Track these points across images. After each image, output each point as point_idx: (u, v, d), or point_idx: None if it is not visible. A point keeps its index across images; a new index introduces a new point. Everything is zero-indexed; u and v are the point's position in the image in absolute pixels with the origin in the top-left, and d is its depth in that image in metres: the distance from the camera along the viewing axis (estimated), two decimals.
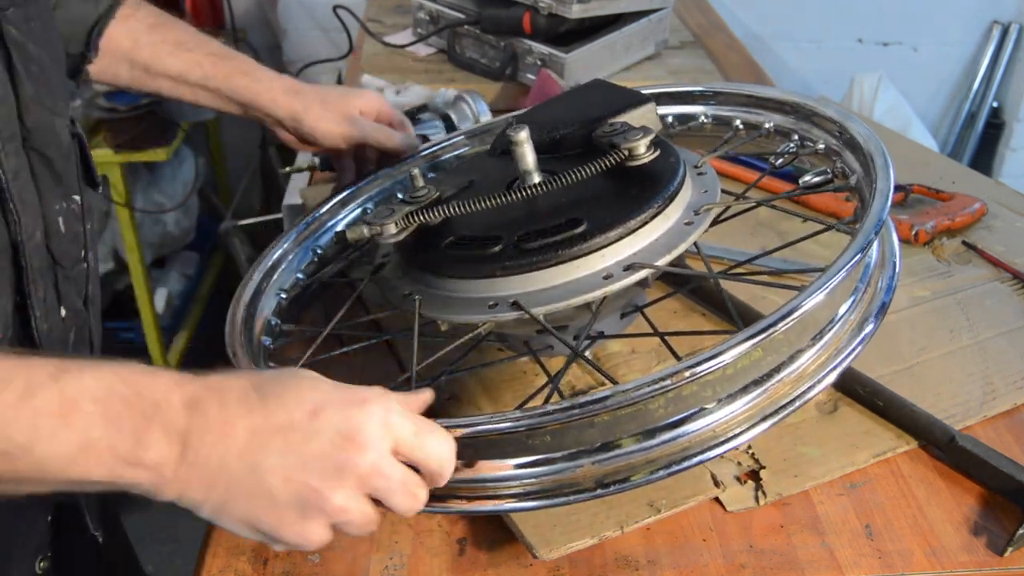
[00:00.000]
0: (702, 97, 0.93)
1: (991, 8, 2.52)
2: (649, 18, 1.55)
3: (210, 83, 0.94)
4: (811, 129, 0.84)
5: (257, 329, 0.78)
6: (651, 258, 0.67)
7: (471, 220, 0.72)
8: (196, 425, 0.50)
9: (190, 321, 2.34)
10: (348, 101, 0.95)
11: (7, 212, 0.67)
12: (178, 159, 2.23)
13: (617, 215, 0.68)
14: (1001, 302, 0.98)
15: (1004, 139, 2.63)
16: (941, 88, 2.65)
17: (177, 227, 2.28)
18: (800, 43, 2.55)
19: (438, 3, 1.59)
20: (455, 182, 0.81)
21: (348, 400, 0.53)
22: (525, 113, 0.90)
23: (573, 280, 0.67)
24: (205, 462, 0.50)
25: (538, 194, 0.70)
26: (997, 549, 0.71)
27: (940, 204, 1.13)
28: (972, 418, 0.82)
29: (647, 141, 0.71)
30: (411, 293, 0.73)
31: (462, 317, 0.69)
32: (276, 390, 0.52)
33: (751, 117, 0.89)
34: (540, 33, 1.46)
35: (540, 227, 0.69)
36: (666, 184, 0.71)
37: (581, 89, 0.90)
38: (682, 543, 0.70)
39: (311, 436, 0.51)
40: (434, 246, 0.72)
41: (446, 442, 0.54)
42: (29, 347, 0.71)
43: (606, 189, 0.73)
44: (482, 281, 0.69)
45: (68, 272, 0.76)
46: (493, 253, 0.68)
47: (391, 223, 0.71)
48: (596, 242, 0.67)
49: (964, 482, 0.77)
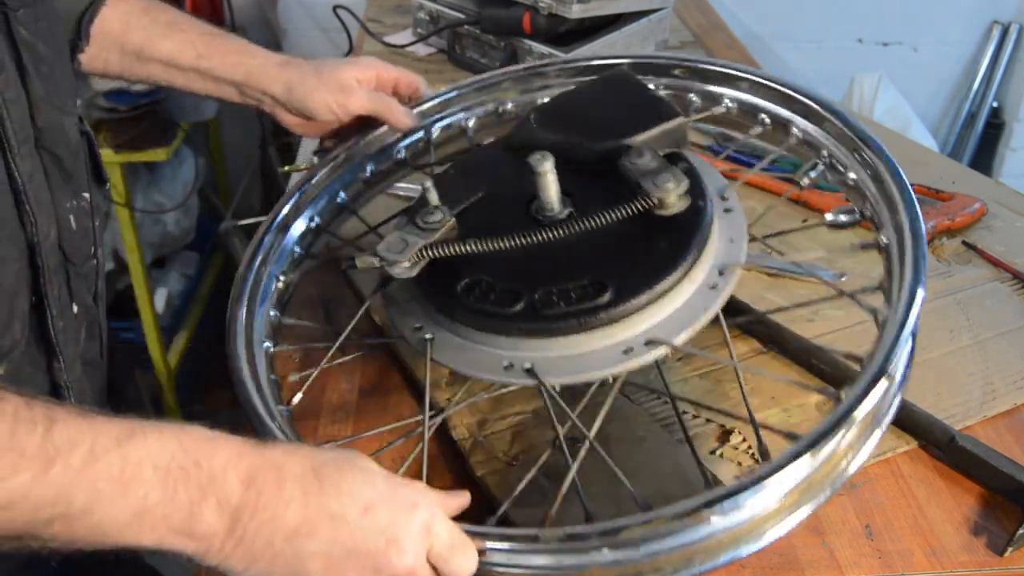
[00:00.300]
0: (729, 80, 0.87)
1: (991, 8, 2.52)
2: (649, 18, 1.55)
3: (203, 64, 0.91)
4: (839, 147, 0.79)
5: (258, 330, 0.77)
6: (673, 327, 0.66)
7: (486, 256, 0.69)
8: (249, 502, 0.51)
9: (190, 321, 2.34)
10: (343, 70, 0.91)
11: (23, 214, 0.67)
12: (178, 159, 2.23)
13: (642, 279, 0.66)
14: (1001, 302, 0.98)
15: (1004, 139, 2.62)
16: (941, 88, 2.65)
17: (177, 227, 2.28)
18: (800, 43, 2.55)
19: (438, 3, 1.59)
20: (468, 190, 0.77)
21: (398, 502, 0.54)
22: (548, 105, 0.86)
23: (592, 351, 0.66)
24: (252, 539, 0.51)
25: (559, 235, 0.68)
26: (997, 549, 0.71)
27: (940, 204, 1.13)
28: (972, 418, 0.82)
29: (679, 192, 0.68)
30: (422, 328, 0.71)
31: (475, 373, 0.68)
32: (334, 478, 0.53)
33: (780, 111, 0.84)
34: (540, 33, 1.46)
35: (562, 285, 0.66)
36: (694, 241, 0.68)
37: (607, 83, 0.85)
38: None
39: (358, 532, 0.52)
40: (448, 284, 0.70)
41: (471, 562, 0.56)
42: (45, 346, 0.71)
43: (630, 236, 0.70)
44: (498, 337, 0.67)
45: (79, 269, 0.76)
46: (512, 313, 0.66)
47: (404, 260, 0.68)
48: (619, 311, 0.65)
49: (964, 482, 0.77)
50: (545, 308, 0.65)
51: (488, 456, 0.78)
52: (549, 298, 0.66)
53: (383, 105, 0.91)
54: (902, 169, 0.72)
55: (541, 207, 0.72)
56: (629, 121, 0.77)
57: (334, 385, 0.87)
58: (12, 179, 0.66)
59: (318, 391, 0.85)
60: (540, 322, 0.65)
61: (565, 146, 0.74)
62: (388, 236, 0.71)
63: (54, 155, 0.72)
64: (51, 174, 0.71)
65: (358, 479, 0.54)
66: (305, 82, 0.90)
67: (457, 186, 0.78)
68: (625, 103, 0.79)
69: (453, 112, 0.96)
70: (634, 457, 0.77)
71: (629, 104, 0.79)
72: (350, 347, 0.83)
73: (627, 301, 0.65)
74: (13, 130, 0.65)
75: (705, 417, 0.82)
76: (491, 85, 0.96)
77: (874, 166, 0.74)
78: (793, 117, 0.83)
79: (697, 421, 0.82)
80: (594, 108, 0.80)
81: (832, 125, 0.79)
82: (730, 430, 0.81)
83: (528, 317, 0.66)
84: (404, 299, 0.75)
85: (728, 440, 0.80)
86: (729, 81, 0.87)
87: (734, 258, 0.70)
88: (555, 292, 0.66)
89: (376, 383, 0.88)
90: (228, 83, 0.92)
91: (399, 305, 0.75)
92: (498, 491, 0.74)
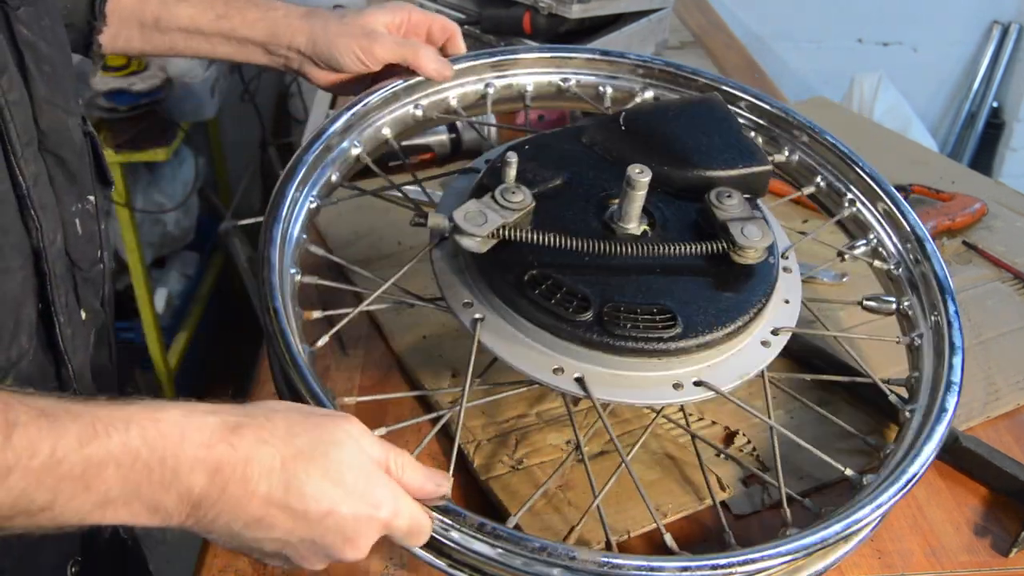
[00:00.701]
0: (789, 129, 0.88)
1: (991, 8, 2.52)
2: (649, 18, 1.54)
3: (224, 25, 0.86)
4: (892, 236, 0.82)
5: (288, 255, 0.73)
6: (723, 374, 0.67)
7: (556, 248, 0.68)
8: (212, 494, 0.52)
9: (190, 321, 2.34)
10: (369, 15, 0.86)
11: (28, 219, 0.65)
12: (178, 159, 2.23)
13: (709, 322, 0.66)
14: (1002, 302, 0.98)
15: (1004, 139, 2.63)
16: (941, 88, 2.65)
17: (177, 227, 2.28)
18: (800, 43, 2.55)
19: (438, 3, 1.58)
20: (545, 174, 0.75)
21: (364, 503, 0.54)
22: (637, 113, 0.84)
23: (644, 377, 0.66)
24: (212, 521, 0.52)
25: (639, 253, 0.68)
26: (1000, 550, 0.71)
27: (940, 204, 1.13)
28: (975, 419, 0.82)
29: (763, 248, 0.69)
30: (472, 305, 0.69)
31: (525, 369, 0.66)
32: (301, 478, 0.53)
33: (836, 183, 0.86)
34: (540, 33, 1.45)
35: (629, 303, 0.66)
36: (760, 296, 0.69)
37: (699, 106, 0.83)
38: (685, 547, 0.70)
39: (317, 530, 0.54)
40: (511, 268, 0.68)
41: (421, 541, 0.58)
42: (53, 354, 0.70)
43: (700, 271, 0.70)
44: (555, 339, 0.66)
45: (86, 273, 0.75)
46: (579, 321, 0.65)
47: (480, 234, 0.66)
48: (681, 347, 0.65)
49: (964, 482, 0.77)
50: (612, 325, 0.65)
51: (492, 460, 0.77)
52: (616, 315, 0.65)
53: (411, 52, 0.85)
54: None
55: (619, 217, 0.71)
56: (716, 152, 0.77)
57: (332, 385, 0.87)
58: (16, 184, 0.64)
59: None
60: (605, 337, 0.65)
61: (651, 164, 0.71)
62: (467, 204, 0.68)
63: (58, 157, 0.70)
64: (55, 177, 0.70)
65: (329, 476, 0.53)
66: (329, 28, 0.85)
67: (533, 166, 0.75)
68: (716, 133, 0.79)
69: (515, 73, 0.93)
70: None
71: (720, 135, 0.79)
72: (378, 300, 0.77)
73: (691, 340, 0.65)
74: (17, 133, 0.63)
75: (711, 419, 0.82)
76: (561, 58, 0.94)
77: (923, 264, 0.79)
78: (854, 191, 0.85)
79: (703, 422, 0.82)
80: (683, 129, 0.79)
81: (887, 208, 0.82)
82: (735, 432, 0.81)
83: (594, 329, 0.65)
84: (455, 268, 0.72)
85: (733, 442, 0.80)
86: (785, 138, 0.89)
87: (788, 320, 0.72)
88: (623, 310, 0.66)
89: (376, 383, 0.88)
90: (253, 43, 0.88)
91: (448, 276, 0.72)
92: (503, 495, 0.74)
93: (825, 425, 0.79)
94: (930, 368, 0.73)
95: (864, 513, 0.62)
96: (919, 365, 0.74)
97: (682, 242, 0.68)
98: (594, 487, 0.66)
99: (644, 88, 0.93)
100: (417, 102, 0.88)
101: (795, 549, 0.59)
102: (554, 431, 0.80)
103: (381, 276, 0.75)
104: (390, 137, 0.87)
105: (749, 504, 0.74)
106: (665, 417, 0.78)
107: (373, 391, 0.86)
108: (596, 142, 0.80)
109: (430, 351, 0.89)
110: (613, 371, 0.66)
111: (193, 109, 1.98)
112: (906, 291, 0.79)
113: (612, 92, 0.93)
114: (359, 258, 1.02)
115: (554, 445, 0.79)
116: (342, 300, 0.96)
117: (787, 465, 0.76)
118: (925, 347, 0.75)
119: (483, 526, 0.57)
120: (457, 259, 0.72)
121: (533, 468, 0.76)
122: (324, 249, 0.78)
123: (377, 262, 1.02)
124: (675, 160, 0.76)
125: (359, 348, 0.91)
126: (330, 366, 0.89)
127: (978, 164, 2.64)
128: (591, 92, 0.94)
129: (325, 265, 0.98)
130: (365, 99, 0.84)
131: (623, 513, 0.72)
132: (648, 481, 0.75)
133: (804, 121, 0.87)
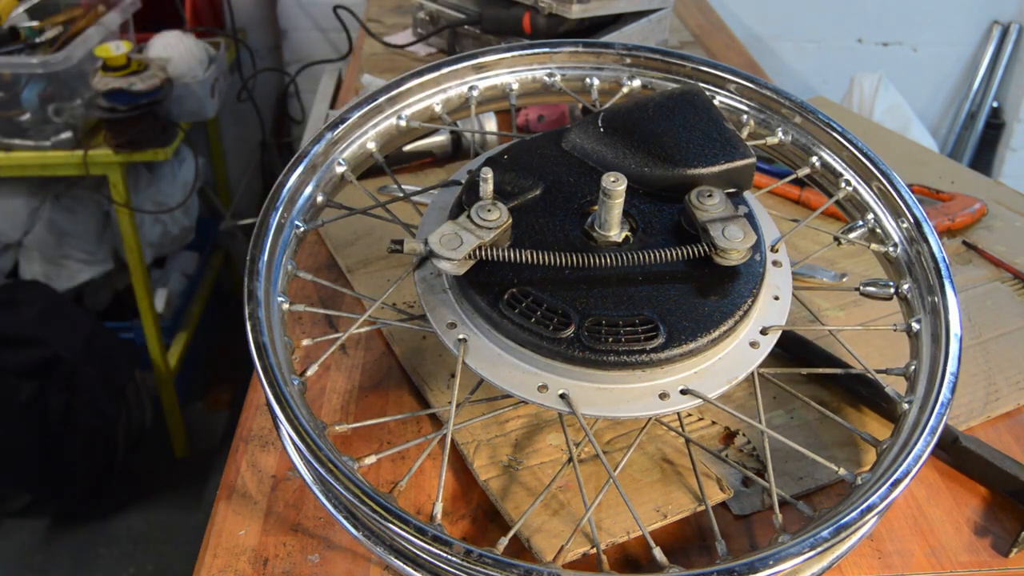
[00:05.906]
0: (783, 110, 0.87)
1: (991, 8, 2.52)
2: (649, 18, 1.55)
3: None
4: (888, 216, 0.80)
5: (276, 285, 0.73)
6: (709, 380, 0.66)
7: (534, 265, 0.67)
8: None
9: (190, 321, 2.34)
10: None
11: None
12: (178, 159, 2.23)
13: (692, 330, 0.65)
14: (1002, 302, 0.98)
15: (1004, 139, 2.63)
16: (941, 88, 2.65)
17: (177, 227, 2.28)
18: (800, 43, 2.55)
19: (438, 3, 1.59)
20: (522, 184, 0.74)
21: None
22: (616, 111, 0.82)
23: (629, 389, 0.65)
24: None
25: (619, 264, 0.67)
26: (999, 550, 0.71)
27: (940, 204, 1.13)
28: (975, 419, 0.82)
29: (746, 249, 0.67)
30: (455, 326, 0.68)
31: (510, 389, 0.66)
32: None
33: (833, 163, 0.84)
34: (540, 33, 1.46)
35: (610, 315, 0.65)
36: (747, 298, 0.68)
37: (679, 99, 0.81)
38: (686, 547, 0.70)
39: None
40: (491, 287, 0.67)
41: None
42: None
43: (682, 275, 0.69)
44: (537, 357, 0.66)
45: None
46: (560, 338, 0.64)
47: (457, 257, 0.66)
48: (664, 357, 0.64)
49: (964, 482, 0.77)
50: (593, 339, 0.64)
51: (492, 460, 0.77)
52: (598, 329, 0.65)
53: None
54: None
55: (599, 225, 0.71)
56: (697, 148, 0.75)
57: (332, 384, 0.87)
58: None
59: (317, 391, 0.85)
60: (587, 353, 0.64)
61: (631, 165, 0.71)
62: (442, 228, 0.68)
63: None
64: None
65: None
66: None
67: (511, 177, 0.75)
68: (697, 127, 0.77)
69: (498, 73, 0.93)
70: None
71: (701, 129, 0.77)
72: (367, 321, 0.78)
73: (675, 349, 0.65)
74: None
75: (710, 420, 0.82)
76: (544, 53, 0.93)
77: (919, 244, 0.76)
78: (850, 173, 0.83)
79: (702, 423, 0.82)
80: (663, 126, 0.78)
81: (880, 186, 0.80)
82: (735, 432, 0.81)
83: (575, 346, 0.64)
84: (438, 288, 0.72)
85: (732, 442, 0.80)
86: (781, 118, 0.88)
87: (777, 318, 0.70)
88: (604, 323, 0.65)
89: (376, 383, 0.88)
90: None
91: (433, 293, 0.71)
92: (500, 495, 0.74)
93: (826, 424, 0.79)
94: (928, 356, 0.72)
95: (853, 516, 0.61)
96: (918, 352, 0.74)
97: (662, 248, 0.67)
98: (586, 501, 0.66)
99: (632, 77, 0.92)
100: (399, 112, 0.88)
101: (786, 556, 0.58)
102: (554, 431, 0.80)
103: (381, 277, 0.75)
104: (375, 151, 0.87)
105: (750, 505, 0.74)
106: (659, 422, 0.77)
107: (373, 392, 0.86)
108: (575, 146, 0.79)
109: (430, 351, 0.89)
110: (597, 385, 0.65)
111: (193, 109, 1.99)
112: (905, 274, 0.78)
113: (599, 83, 0.93)
114: (359, 259, 1.02)
115: (554, 445, 0.79)
116: (342, 300, 0.96)
117: (786, 466, 0.76)
118: (923, 333, 0.74)
119: (470, 553, 0.56)
120: (440, 279, 0.72)
121: (533, 468, 0.76)
122: (324, 248, 0.78)
123: (376, 263, 1.02)
124: (656, 160, 0.75)
125: (359, 348, 0.91)
126: (330, 366, 0.89)
127: (978, 164, 2.64)
128: (577, 85, 0.94)
129: (326, 265, 0.98)
130: (346, 117, 0.84)
131: (624, 514, 0.71)
132: (648, 483, 0.75)
133: (796, 100, 0.86)
